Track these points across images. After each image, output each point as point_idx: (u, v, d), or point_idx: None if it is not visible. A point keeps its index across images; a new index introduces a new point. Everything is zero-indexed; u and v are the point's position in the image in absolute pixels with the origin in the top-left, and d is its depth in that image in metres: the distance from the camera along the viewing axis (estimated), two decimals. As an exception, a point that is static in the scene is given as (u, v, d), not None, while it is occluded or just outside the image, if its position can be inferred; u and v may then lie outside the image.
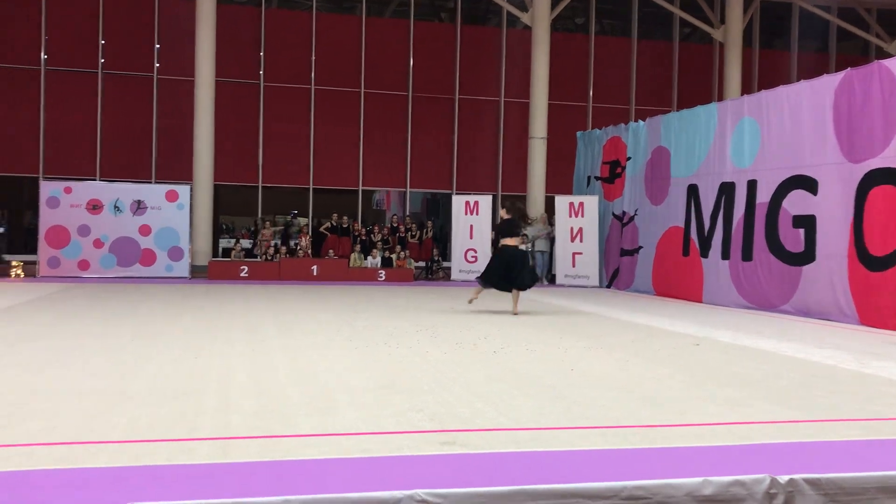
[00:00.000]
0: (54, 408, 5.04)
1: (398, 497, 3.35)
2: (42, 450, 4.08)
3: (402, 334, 9.15)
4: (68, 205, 17.97)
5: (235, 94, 21.62)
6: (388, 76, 22.74)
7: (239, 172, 21.79)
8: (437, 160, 23.09)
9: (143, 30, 21.24)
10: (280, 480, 3.59)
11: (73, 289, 15.01)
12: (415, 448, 4.29)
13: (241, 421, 4.81)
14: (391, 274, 19.31)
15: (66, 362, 6.80)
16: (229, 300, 13.27)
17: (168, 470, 3.78)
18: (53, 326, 9.31)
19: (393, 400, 5.51)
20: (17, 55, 20.48)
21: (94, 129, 20.97)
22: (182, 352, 7.50)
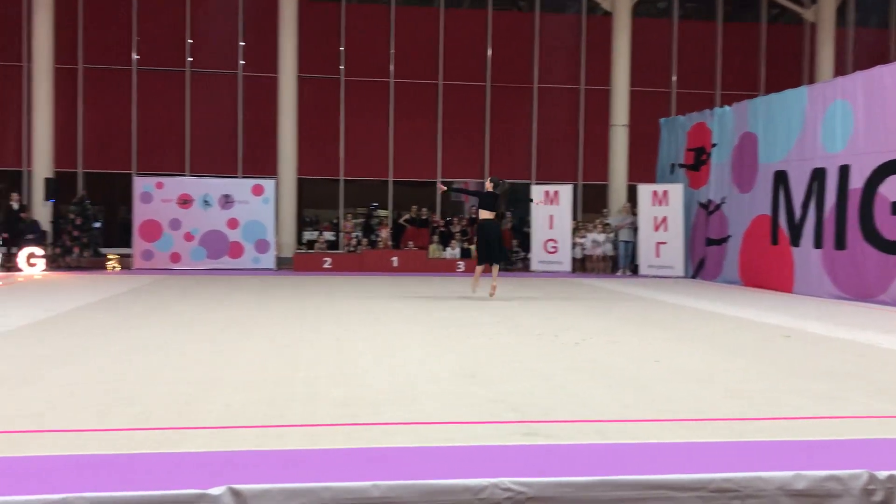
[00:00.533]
0: (151, 394, 5.26)
1: (483, 485, 3.37)
2: (140, 434, 4.27)
3: (482, 325, 9.17)
4: (160, 200, 18.67)
5: (317, 89, 22.01)
6: (466, 67, 22.74)
7: (321, 166, 22.20)
8: (515, 150, 22.98)
9: (227, 28, 21.84)
10: (366, 467, 3.66)
11: (166, 280, 15.59)
12: (496, 438, 4.31)
13: (328, 409, 4.92)
14: (470, 265, 19.33)
15: (161, 351, 7.08)
16: (314, 291, 13.56)
17: (258, 455, 3.91)
18: (148, 317, 9.71)
19: (474, 390, 5.54)
20: (111, 56, 21.35)
21: (182, 126, 21.71)
22: (270, 341, 7.72)
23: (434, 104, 22.59)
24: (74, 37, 21.01)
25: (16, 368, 6.13)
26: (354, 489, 3.32)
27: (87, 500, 3.14)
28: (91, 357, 6.72)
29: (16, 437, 4.18)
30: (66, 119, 20.90)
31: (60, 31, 20.46)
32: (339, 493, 3.30)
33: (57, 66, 20.39)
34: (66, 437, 4.20)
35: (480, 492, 3.36)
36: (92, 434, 4.26)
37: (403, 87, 22.48)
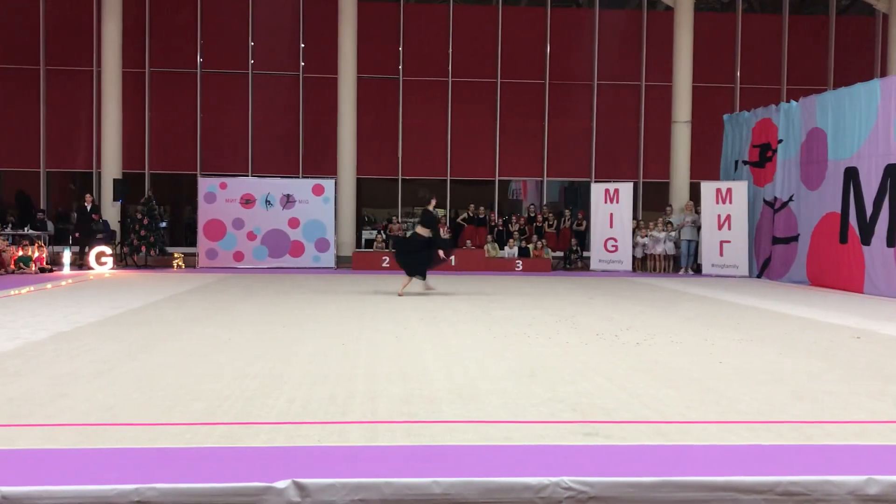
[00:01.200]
0: (216, 389, 5.38)
1: (545, 483, 3.36)
2: (205, 428, 4.37)
3: (541, 324, 9.12)
4: (224, 200, 19.08)
5: (376, 89, 22.18)
6: (525, 65, 22.63)
7: (380, 166, 22.36)
8: (574, 148, 22.78)
9: (288, 31, 22.17)
10: (427, 464, 3.68)
11: (229, 279, 15.93)
12: (557, 438, 4.28)
13: (388, 406, 4.96)
14: (528, 264, 19.27)
15: (225, 347, 7.23)
16: (372, 289, 13.67)
17: (321, 450, 3.96)
18: (213, 314, 9.93)
19: (534, 389, 5.51)
20: (177, 60, 21.89)
21: (245, 127, 22.13)
22: (331, 338, 7.81)
23: (492, 103, 22.54)
24: (142, 42, 21.61)
25: (88, 363, 6.33)
26: (416, 485, 3.34)
27: (158, 491, 3.24)
28: (158, 353, 6.90)
29: (89, 429, 4.32)
30: (134, 122, 21.51)
31: (128, 37, 21.06)
32: (400, 489, 3.33)
33: (125, 70, 20.99)
34: (135, 430, 4.33)
35: (541, 490, 3.34)
36: (160, 428, 4.38)
37: (461, 86, 22.49)
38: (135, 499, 3.22)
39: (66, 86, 21.48)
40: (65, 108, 21.51)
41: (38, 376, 5.62)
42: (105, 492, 3.23)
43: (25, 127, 21.39)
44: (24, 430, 4.28)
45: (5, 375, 5.64)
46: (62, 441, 4.08)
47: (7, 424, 4.38)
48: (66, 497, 3.21)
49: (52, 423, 4.42)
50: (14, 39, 21.32)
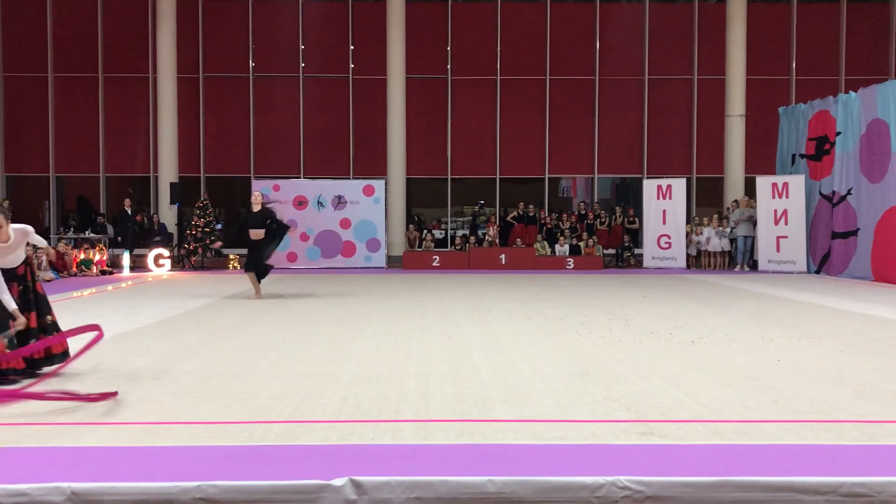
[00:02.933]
0: (271, 388, 5.47)
1: (601, 483, 3.33)
2: (262, 427, 4.45)
3: (594, 323, 9.04)
4: (277, 202, 19.34)
5: (424, 89, 22.27)
6: (574, 61, 22.46)
7: (429, 166, 22.45)
8: (625, 144, 22.53)
9: (338, 33, 22.40)
10: (481, 462, 3.68)
11: (283, 279, 16.15)
12: (611, 437, 4.25)
13: (440, 405, 4.98)
14: (580, 262, 19.12)
15: (279, 347, 7.34)
16: (423, 289, 13.73)
17: (375, 449, 4.00)
18: (267, 314, 10.08)
19: (587, 388, 5.47)
20: (229, 65, 22.30)
21: (297, 129, 22.43)
22: (382, 338, 7.87)
23: (541, 100, 22.43)
24: (195, 48, 22.07)
25: (147, 363, 6.49)
26: (471, 484, 3.35)
27: (219, 489, 3.30)
28: (215, 352, 7.04)
29: (149, 428, 4.43)
30: (189, 126, 21.98)
31: (182, 43, 21.53)
32: (455, 488, 3.33)
33: (180, 76, 21.46)
34: (194, 428, 4.42)
35: (597, 490, 3.32)
36: (217, 426, 4.47)
37: (510, 84, 22.43)
38: (197, 496, 3.29)
39: (124, 92, 22.06)
40: (123, 114, 22.09)
41: (100, 376, 5.78)
42: (168, 489, 3.32)
43: (85, 133, 22.03)
44: (89, 429, 4.41)
45: (69, 375, 5.82)
46: (124, 439, 4.19)
47: (72, 423, 4.52)
48: (131, 493, 3.30)
49: (114, 422, 4.55)
50: (74, 49, 21.97)
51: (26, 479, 3.38)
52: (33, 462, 3.76)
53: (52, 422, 4.54)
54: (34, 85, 21.97)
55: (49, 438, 4.19)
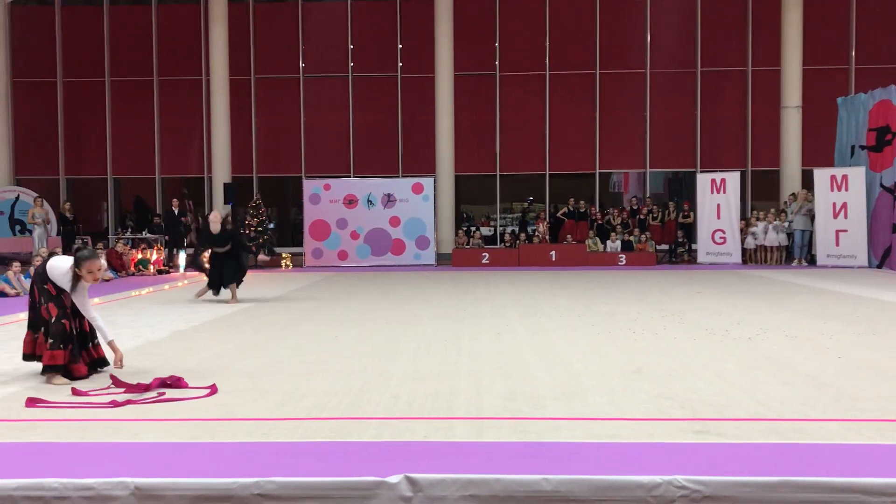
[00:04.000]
0: (324, 385, 5.53)
1: (657, 482, 3.29)
2: (316, 423, 4.50)
3: (647, 319, 8.92)
4: (328, 200, 19.57)
5: (472, 86, 22.24)
6: (625, 55, 22.19)
7: (477, 162, 22.42)
8: (678, 137, 22.17)
9: (386, 32, 22.51)
10: (534, 460, 3.66)
11: (335, 277, 16.31)
12: (666, 435, 4.19)
13: (492, 402, 4.97)
14: (632, 258, 18.89)
15: (332, 344, 7.41)
16: (473, 286, 13.72)
17: (428, 446, 4.01)
18: (320, 311, 10.20)
19: (641, 386, 5.41)
20: (280, 66, 22.59)
21: (346, 129, 22.62)
22: (434, 335, 7.89)
23: (591, 94, 22.22)
24: (247, 50, 22.42)
25: (203, 361, 6.62)
26: (525, 482, 3.33)
27: (276, 484, 3.36)
28: (269, 350, 7.14)
29: (206, 424, 4.52)
30: (242, 128, 22.34)
31: (234, 46, 21.90)
32: (510, 486, 3.33)
33: (232, 77, 21.83)
34: (250, 425, 4.49)
35: (654, 489, 3.28)
36: (273, 423, 4.53)
37: (559, 79, 22.27)
38: (255, 491, 3.35)
39: (178, 95, 22.53)
40: (177, 116, 22.56)
41: (158, 373, 5.90)
42: (227, 484, 3.38)
43: (141, 136, 22.57)
44: (147, 425, 4.51)
45: (128, 373, 5.96)
46: (182, 435, 4.28)
47: (131, 419, 4.63)
48: (191, 488, 3.37)
49: (172, 418, 4.65)
50: (130, 53, 22.51)
51: (91, 473, 3.48)
52: (97, 456, 3.87)
53: (112, 418, 4.66)
54: (92, 89, 22.58)
55: (110, 434, 4.30)
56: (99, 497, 3.35)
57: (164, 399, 5.10)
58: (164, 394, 5.21)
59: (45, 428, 4.44)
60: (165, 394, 5.22)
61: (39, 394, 5.23)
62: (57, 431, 4.36)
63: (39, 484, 3.37)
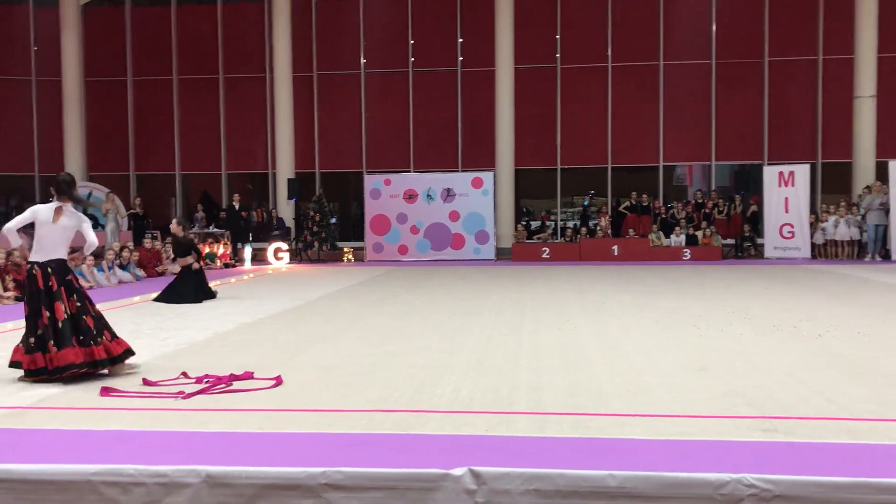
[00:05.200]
0: (387, 378, 5.58)
1: (725, 480, 3.23)
2: (380, 415, 4.55)
3: (713, 316, 8.75)
4: (388, 195, 19.72)
5: (533, 79, 22.09)
6: (689, 46, 21.73)
7: (538, 156, 22.27)
8: (745, 129, 21.62)
9: (446, 26, 22.52)
10: (597, 456, 3.64)
11: (395, 271, 16.44)
12: (733, 433, 4.11)
13: (554, 397, 4.95)
14: (697, 252, 18.54)
15: (393, 337, 7.48)
16: (533, 281, 13.66)
17: (489, 440, 4.01)
18: (381, 305, 10.29)
19: (707, 383, 5.31)
20: (341, 63, 22.82)
21: (406, 124, 22.73)
22: (494, 330, 7.89)
23: (654, 86, 21.84)
24: (309, 47, 22.71)
25: (269, 353, 6.75)
26: (590, 477, 3.31)
27: (343, 475, 3.41)
28: (332, 343, 7.24)
29: (273, 414, 4.61)
30: (304, 124, 22.66)
31: (297, 43, 22.21)
32: (574, 480, 3.31)
33: (295, 74, 22.16)
34: (315, 416, 4.57)
35: (721, 487, 3.22)
36: (337, 414, 4.60)
37: (622, 71, 21.94)
38: (322, 481, 3.40)
39: (243, 92, 22.96)
40: (242, 113, 23.01)
41: (226, 365, 6.05)
42: (295, 474, 3.45)
43: (207, 133, 23.08)
44: (215, 415, 4.63)
45: (199, 363, 6.12)
46: (249, 425, 4.37)
47: (199, 409, 4.76)
48: (261, 477, 3.45)
49: (239, 409, 4.75)
50: (196, 52, 23.03)
51: (163, 460, 3.59)
52: (168, 445, 3.98)
53: (181, 408, 4.79)
54: (160, 88, 23.18)
55: (179, 423, 4.42)
56: (172, 484, 3.46)
57: (231, 390, 5.22)
58: (231, 385, 5.34)
59: (118, 416, 4.59)
60: (232, 385, 5.34)
61: (113, 383, 5.42)
62: (130, 420, 4.51)
63: (116, 470, 3.49)
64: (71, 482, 3.48)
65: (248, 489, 3.42)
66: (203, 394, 5.12)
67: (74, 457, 3.69)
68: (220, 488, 3.43)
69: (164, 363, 6.23)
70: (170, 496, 3.44)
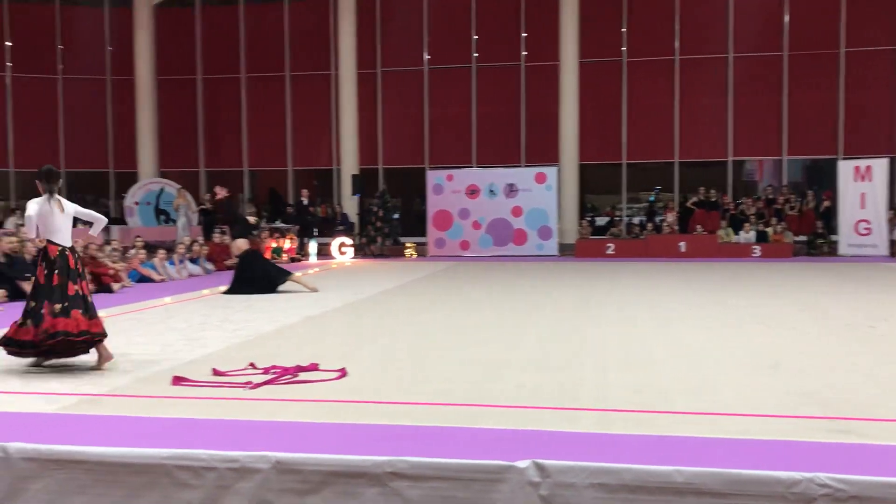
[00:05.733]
0: (448, 372, 5.61)
1: (797, 479, 3.15)
2: (441, 409, 4.58)
3: (782, 314, 8.52)
4: (450, 191, 19.77)
5: (598, 73, 21.83)
6: (760, 36, 21.15)
7: (603, 151, 22.01)
8: (818, 122, 20.95)
9: (509, 21, 22.43)
10: (663, 453, 3.59)
11: (457, 266, 16.48)
12: (803, 433, 4.00)
13: (618, 394, 4.90)
14: (767, 249, 18.07)
15: (457, 331, 7.51)
16: (597, 277, 13.52)
17: (553, 435, 4.00)
18: (443, 300, 10.34)
19: (775, 382, 5.19)
20: (404, 59, 22.94)
21: (469, 119, 22.73)
22: (557, 325, 7.84)
23: (723, 78, 21.33)
24: (373, 44, 22.90)
25: (334, 345, 6.86)
26: (657, 472, 3.27)
27: (408, 464, 3.45)
28: (395, 336, 7.31)
29: (337, 406, 4.68)
30: (368, 120, 22.87)
31: (361, 40, 22.42)
32: (640, 475, 3.28)
33: (359, 71, 22.38)
34: (378, 408, 4.62)
35: (793, 486, 3.14)
36: (398, 406, 4.65)
37: (689, 63, 21.49)
38: (387, 469, 3.45)
39: (308, 89, 23.31)
40: (307, 110, 23.36)
41: (292, 356, 6.17)
42: (361, 462, 3.50)
43: (274, 129, 23.51)
44: (282, 405, 4.72)
45: (266, 354, 6.26)
46: (314, 415, 4.45)
47: (267, 399, 4.86)
48: (328, 464, 3.52)
49: (305, 399, 4.84)
50: (263, 50, 23.48)
51: (233, 447, 3.69)
52: (238, 432, 4.09)
53: (249, 397, 4.91)
54: (229, 86, 23.70)
55: (248, 412, 4.53)
56: (243, 469, 3.55)
57: (297, 381, 5.32)
58: (297, 376, 5.44)
59: (189, 405, 4.73)
60: (298, 376, 5.44)
61: (184, 373, 5.58)
62: (200, 408, 4.64)
63: (190, 454, 3.60)
64: (146, 465, 3.60)
65: (315, 476, 3.49)
66: (270, 384, 5.24)
67: (149, 441, 3.82)
68: (289, 474, 3.51)
69: (232, 354, 6.39)
70: (240, 481, 3.53)
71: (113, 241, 14.45)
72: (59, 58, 23.47)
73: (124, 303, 10.00)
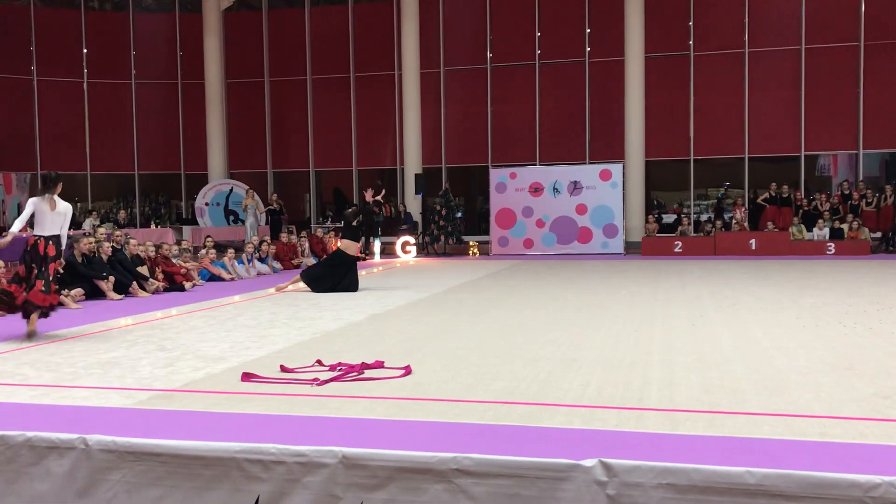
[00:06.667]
0: (513, 370, 5.58)
1: (876, 482, 3.03)
2: (505, 407, 4.56)
3: (860, 313, 8.23)
4: (513, 189, 19.70)
5: (664, 68, 21.47)
6: (834, 27, 20.49)
7: (670, 147, 21.64)
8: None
9: (574, 17, 22.23)
10: (734, 455, 3.51)
11: (520, 265, 16.41)
12: (882, 437, 3.85)
13: (686, 394, 4.81)
14: (842, 247, 17.47)
15: (520, 330, 7.47)
16: (664, 275, 13.29)
17: (619, 435, 3.94)
18: (506, 299, 10.31)
19: (853, 383, 5.01)
20: (467, 58, 22.94)
21: (532, 117, 22.63)
22: (624, 324, 7.74)
23: (796, 71, 20.73)
24: (436, 44, 23.00)
25: (398, 343, 6.91)
26: (727, 473, 3.20)
27: (473, 461, 3.45)
28: (459, 334, 7.32)
29: (402, 402, 4.72)
30: (431, 120, 22.98)
31: (424, 39, 22.54)
32: (710, 476, 3.21)
33: (422, 71, 22.50)
34: (442, 405, 4.63)
35: (872, 489, 3.03)
36: (464, 404, 4.65)
37: (759, 56, 20.96)
38: (453, 466, 3.46)
39: (372, 90, 23.55)
40: (372, 110, 23.62)
41: (358, 353, 6.24)
42: (427, 458, 3.52)
43: (339, 130, 23.83)
44: (348, 401, 4.77)
45: (332, 352, 6.34)
46: (380, 412, 4.49)
47: (333, 395, 4.93)
48: (394, 460, 3.55)
49: (371, 396, 4.89)
50: (328, 52, 23.82)
51: (301, 442, 3.75)
52: (305, 428, 4.15)
53: (316, 394, 4.98)
54: (295, 88, 24.14)
55: (315, 409, 4.60)
56: (311, 463, 3.61)
57: (363, 378, 5.38)
58: (362, 373, 5.50)
59: (258, 400, 4.83)
60: (364, 373, 5.50)
61: (253, 369, 5.70)
62: (269, 404, 4.73)
63: (259, 448, 3.68)
64: (217, 458, 3.69)
65: (381, 471, 3.52)
66: (337, 381, 5.30)
67: (219, 436, 3.91)
68: (356, 469, 3.55)
69: (299, 351, 6.50)
70: (308, 475, 3.59)
71: (184, 242, 14.86)
72: (133, 63, 24.27)
73: (196, 301, 10.28)
